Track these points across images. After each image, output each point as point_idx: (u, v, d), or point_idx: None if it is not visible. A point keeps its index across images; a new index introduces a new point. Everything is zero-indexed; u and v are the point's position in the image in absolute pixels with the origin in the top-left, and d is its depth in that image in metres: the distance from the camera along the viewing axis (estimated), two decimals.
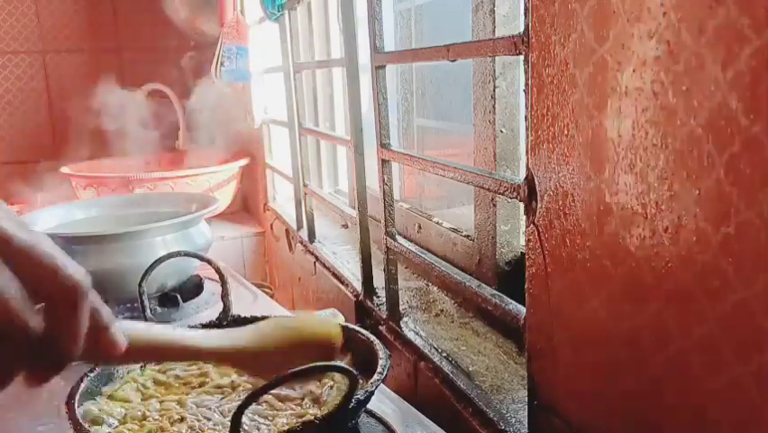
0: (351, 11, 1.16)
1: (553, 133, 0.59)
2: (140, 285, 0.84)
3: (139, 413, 0.70)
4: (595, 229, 0.56)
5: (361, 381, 0.60)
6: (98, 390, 0.74)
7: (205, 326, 0.88)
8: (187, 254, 0.92)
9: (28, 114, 2.90)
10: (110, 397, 0.74)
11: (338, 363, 0.75)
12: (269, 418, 0.68)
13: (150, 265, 0.86)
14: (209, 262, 0.89)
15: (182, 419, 0.69)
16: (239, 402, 0.56)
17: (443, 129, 1.34)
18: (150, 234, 1.14)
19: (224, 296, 0.89)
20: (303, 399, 0.72)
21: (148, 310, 0.84)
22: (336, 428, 0.62)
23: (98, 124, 3.00)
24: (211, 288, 1.27)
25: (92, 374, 0.73)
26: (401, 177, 1.47)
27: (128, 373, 0.79)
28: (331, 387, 0.73)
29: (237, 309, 0.91)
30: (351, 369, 0.58)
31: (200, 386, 0.76)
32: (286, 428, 0.63)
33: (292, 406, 0.71)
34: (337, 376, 0.73)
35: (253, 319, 0.89)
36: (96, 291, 1.15)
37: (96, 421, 0.68)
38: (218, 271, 0.88)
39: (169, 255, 0.88)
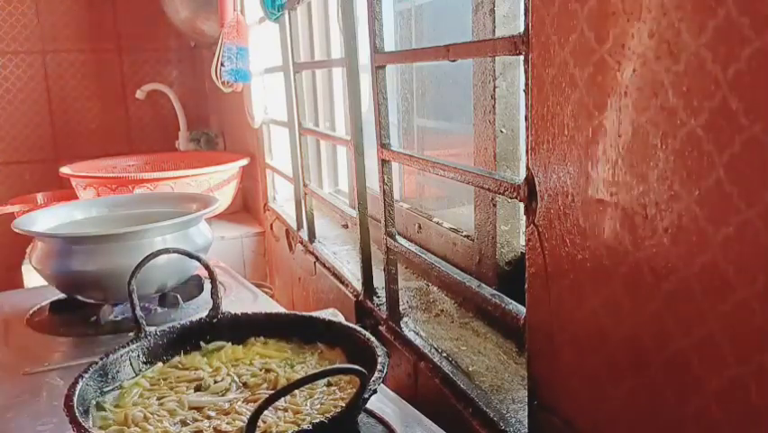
0: (351, 11, 1.16)
1: (553, 133, 0.59)
2: (129, 283, 0.84)
3: (140, 414, 0.70)
4: (595, 229, 0.56)
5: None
6: (104, 398, 0.74)
7: (194, 323, 0.88)
8: (176, 251, 0.91)
9: (28, 114, 2.90)
10: (117, 407, 0.74)
11: (351, 365, 0.76)
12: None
13: (139, 263, 0.85)
14: (198, 259, 0.89)
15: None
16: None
17: (443, 129, 1.34)
18: (150, 234, 1.14)
19: (214, 293, 0.88)
20: None
21: (138, 309, 0.83)
22: (342, 428, 0.62)
23: (98, 124, 3.01)
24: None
25: (87, 375, 0.73)
26: (401, 177, 1.47)
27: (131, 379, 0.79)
28: None
29: (237, 309, 0.91)
30: (362, 370, 0.58)
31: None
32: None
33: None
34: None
35: (243, 316, 0.89)
36: (96, 291, 1.18)
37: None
38: (207, 267, 0.88)
39: (158, 253, 0.87)
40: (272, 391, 0.71)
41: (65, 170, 2.29)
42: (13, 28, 2.83)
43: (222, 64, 1.96)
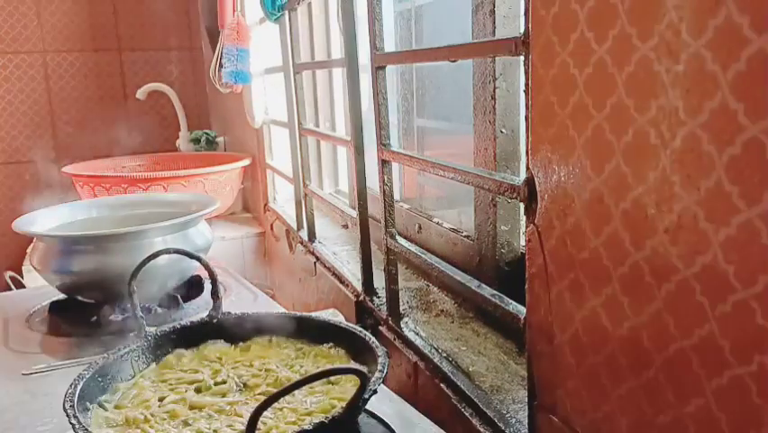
0: (351, 11, 1.16)
1: (553, 133, 0.59)
2: (129, 284, 0.84)
3: (141, 416, 0.71)
4: (595, 229, 0.56)
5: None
6: (104, 399, 0.74)
7: (194, 323, 0.88)
8: (176, 252, 0.91)
9: (28, 114, 2.90)
10: (117, 407, 0.74)
11: (351, 365, 0.76)
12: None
13: (140, 264, 0.85)
14: (198, 259, 0.88)
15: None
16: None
17: (443, 129, 1.34)
18: (151, 235, 1.14)
19: (214, 293, 0.88)
20: None
21: (138, 309, 0.83)
22: (343, 428, 0.62)
23: (98, 124, 3.01)
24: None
25: (87, 375, 0.73)
26: (401, 177, 1.47)
27: (131, 378, 0.79)
28: None
29: (237, 310, 0.91)
30: (363, 370, 0.58)
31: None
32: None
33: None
34: None
35: (243, 317, 0.89)
36: (96, 291, 1.20)
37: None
38: (207, 267, 0.88)
39: (158, 253, 0.87)
40: (272, 392, 0.71)
41: (66, 169, 2.29)
42: (14, 28, 2.83)
43: (221, 65, 1.97)
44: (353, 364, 0.78)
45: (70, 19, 2.90)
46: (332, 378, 0.75)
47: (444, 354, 0.95)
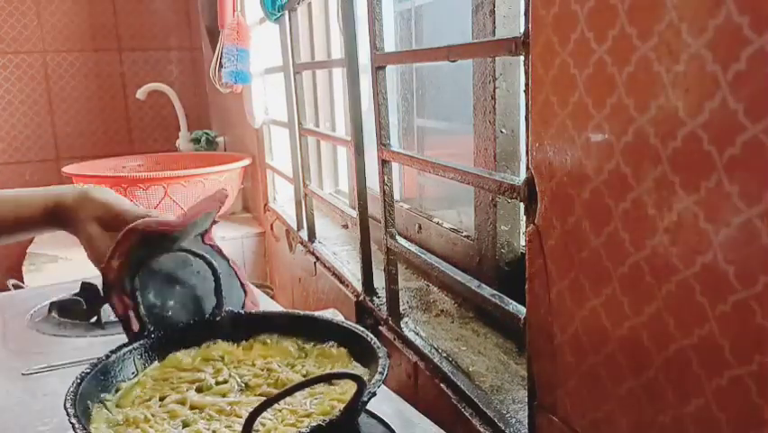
0: (351, 11, 1.16)
1: (553, 133, 0.59)
2: (131, 281, 0.83)
3: (141, 416, 0.70)
4: (595, 229, 0.56)
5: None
6: (105, 398, 0.74)
7: (196, 322, 0.88)
8: (180, 249, 0.91)
9: (28, 114, 2.90)
10: (118, 406, 0.74)
11: (349, 370, 0.76)
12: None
13: (140, 263, 0.85)
14: (202, 257, 0.88)
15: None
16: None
17: (443, 129, 1.34)
18: None
19: (217, 291, 0.88)
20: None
21: (141, 307, 0.83)
22: (342, 430, 0.62)
23: (98, 124, 3.01)
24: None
25: (87, 375, 0.73)
26: (401, 177, 1.47)
27: (130, 378, 0.79)
28: None
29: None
30: (360, 376, 0.58)
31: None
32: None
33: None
34: None
35: (245, 316, 0.89)
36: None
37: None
38: (210, 266, 0.88)
39: (159, 252, 0.87)
40: (273, 392, 0.71)
41: (68, 169, 2.29)
42: (14, 28, 2.83)
43: (221, 65, 1.97)
44: (351, 369, 0.77)
45: (70, 19, 2.90)
46: None
47: (444, 354, 0.95)
